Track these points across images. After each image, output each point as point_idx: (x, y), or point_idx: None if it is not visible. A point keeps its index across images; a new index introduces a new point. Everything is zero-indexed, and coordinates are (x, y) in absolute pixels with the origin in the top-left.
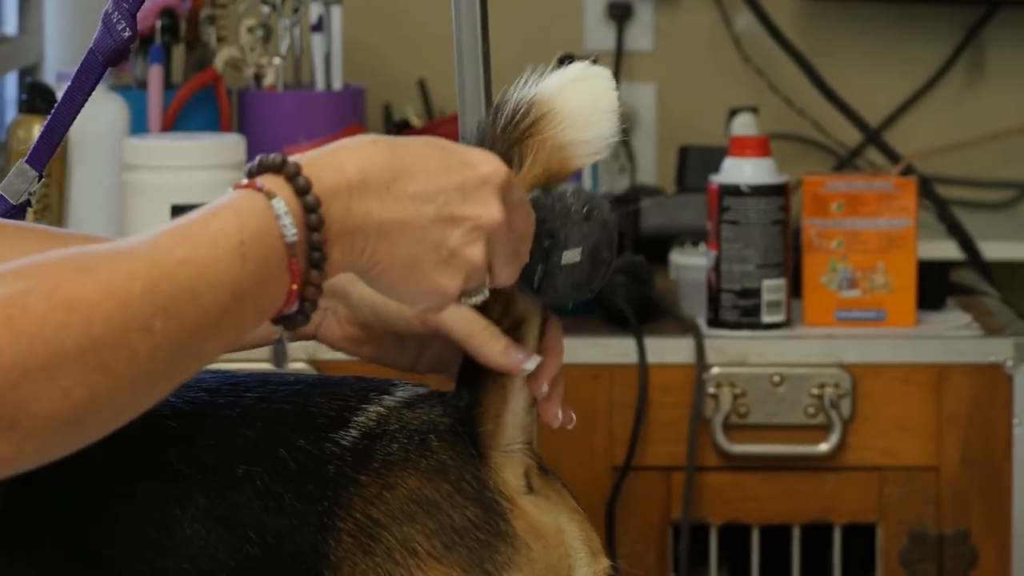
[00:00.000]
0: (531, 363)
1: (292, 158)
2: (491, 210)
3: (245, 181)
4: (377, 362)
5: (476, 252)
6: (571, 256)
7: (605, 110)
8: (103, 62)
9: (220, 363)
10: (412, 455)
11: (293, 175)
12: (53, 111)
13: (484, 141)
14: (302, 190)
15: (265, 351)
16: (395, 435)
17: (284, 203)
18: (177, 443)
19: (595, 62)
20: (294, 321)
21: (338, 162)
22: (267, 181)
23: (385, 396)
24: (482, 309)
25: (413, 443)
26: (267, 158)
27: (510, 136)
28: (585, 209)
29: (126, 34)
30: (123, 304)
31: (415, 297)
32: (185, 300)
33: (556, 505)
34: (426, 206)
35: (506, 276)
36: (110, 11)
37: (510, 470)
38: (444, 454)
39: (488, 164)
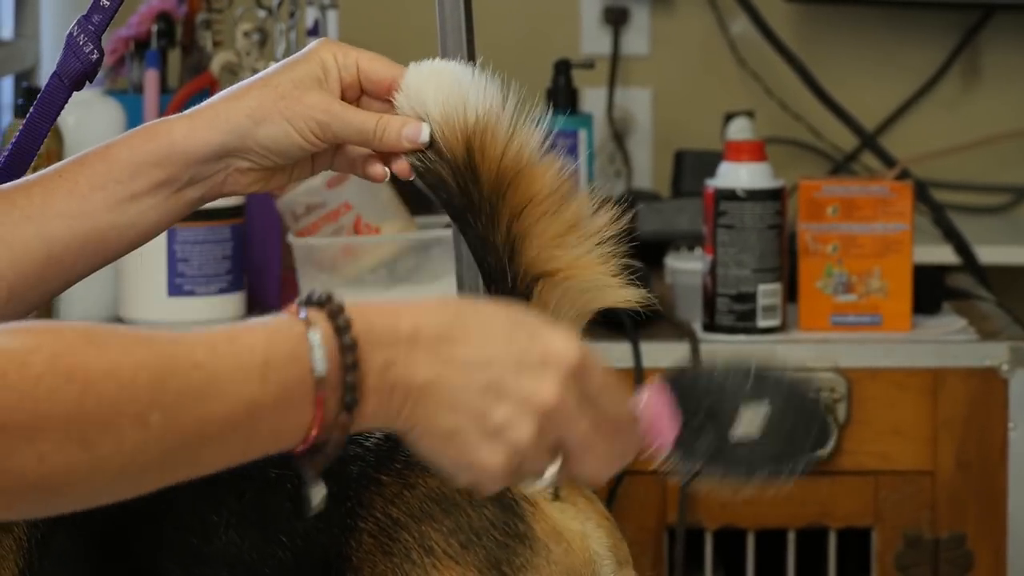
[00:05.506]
0: (425, 132)
1: (344, 301)
2: (546, 390)
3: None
4: (287, 183)
5: (524, 432)
6: (746, 430)
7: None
8: (68, 86)
9: None
10: None
11: (335, 313)
12: (15, 140)
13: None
14: (341, 329)
15: None
16: None
17: (320, 336)
18: None
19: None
20: (314, 461)
21: (395, 314)
22: (310, 312)
23: None
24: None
25: None
26: (315, 293)
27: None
28: (752, 384)
29: (94, 56)
30: (121, 387)
31: (455, 470)
32: (189, 402)
33: (583, 512)
34: (477, 374)
35: (592, 471)
36: (75, 33)
37: None
38: None
39: (560, 345)
